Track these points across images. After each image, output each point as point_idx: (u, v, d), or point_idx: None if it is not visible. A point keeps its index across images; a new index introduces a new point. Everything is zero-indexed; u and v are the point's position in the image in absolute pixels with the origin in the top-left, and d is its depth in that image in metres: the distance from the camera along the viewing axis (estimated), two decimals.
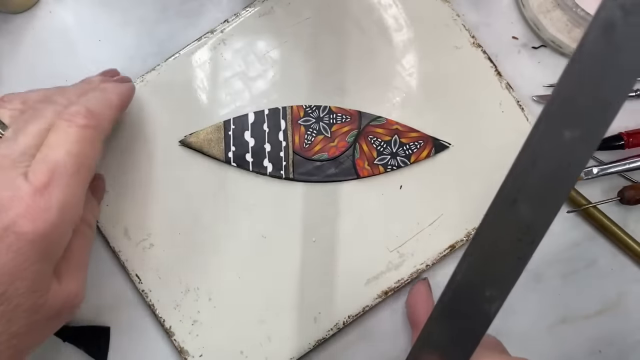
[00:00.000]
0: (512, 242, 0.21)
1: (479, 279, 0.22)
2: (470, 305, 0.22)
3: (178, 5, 0.40)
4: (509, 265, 0.21)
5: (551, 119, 0.20)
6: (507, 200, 0.21)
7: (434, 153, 0.37)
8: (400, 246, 0.36)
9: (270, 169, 0.36)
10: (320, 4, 0.38)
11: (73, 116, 0.27)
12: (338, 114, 0.37)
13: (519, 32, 0.40)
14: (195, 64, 0.37)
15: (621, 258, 0.38)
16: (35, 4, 0.39)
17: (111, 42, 0.39)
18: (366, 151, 0.36)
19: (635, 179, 0.38)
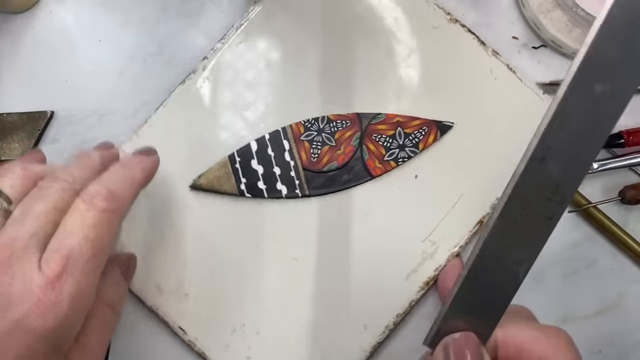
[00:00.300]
0: (541, 202, 0.21)
1: (508, 241, 0.21)
2: (499, 268, 0.22)
3: (178, 5, 0.40)
4: (539, 225, 0.21)
5: (582, 73, 0.19)
6: (535, 158, 0.20)
7: (440, 136, 0.36)
8: (430, 234, 0.36)
9: (285, 191, 0.36)
10: (295, 20, 0.37)
11: (93, 198, 0.25)
12: (338, 121, 0.36)
13: (519, 32, 0.40)
14: (185, 107, 0.36)
15: (621, 258, 0.38)
16: (35, 4, 0.39)
17: (111, 42, 0.39)
18: (374, 150, 0.36)
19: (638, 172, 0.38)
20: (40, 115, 0.38)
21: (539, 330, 0.25)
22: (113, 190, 0.26)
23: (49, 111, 0.38)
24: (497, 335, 0.24)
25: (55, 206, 0.25)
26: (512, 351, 0.24)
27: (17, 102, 0.38)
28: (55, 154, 0.38)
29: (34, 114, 0.38)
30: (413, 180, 0.36)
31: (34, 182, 0.27)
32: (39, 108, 0.38)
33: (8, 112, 0.38)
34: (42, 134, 0.38)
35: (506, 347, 0.24)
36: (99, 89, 0.39)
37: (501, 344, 0.24)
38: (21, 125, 0.38)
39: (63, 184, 0.26)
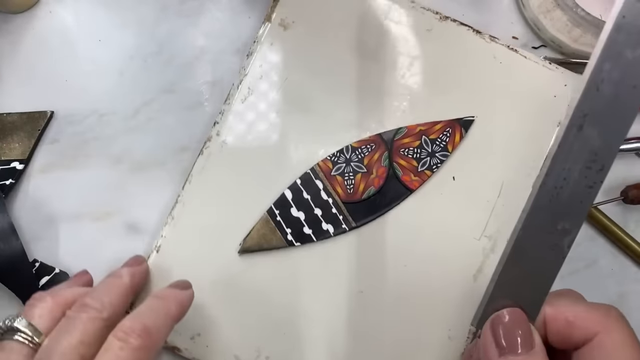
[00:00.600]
0: (581, 171, 0.21)
1: (550, 213, 0.21)
2: (543, 241, 0.22)
3: (178, 5, 0.40)
4: (580, 195, 0.21)
5: (612, 40, 0.20)
6: (572, 127, 0.20)
7: (465, 132, 0.36)
8: (484, 230, 0.36)
9: (332, 230, 0.35)
10: (293, 62, 0.37)
11: (127, 335, 0.25)
12: (362, 147, 0.36)
13: (519, 32, 0.40)
14: (209, 176, 0.36)
15: (621, 258, 0.38)
16: (35, 4, 0.39)
17: (111, 42, 0.39)
18: (406, 165, 0.36)
19: (633, 165, 0.38)
20: (40, 115, 0.38)
21: (590, 306, 0.24)
22: (148, 325, 0.25)
23: (49, 111, 0.38)
24: (546, 312, 0.24)
25: (82, 340, 0.25)
26: (562, 326, 0.23)
27: (17, 102, 0.38)
28: (55, 154, 0.38)
29: (34, 114, 0.38)
30: (452, 182, 0.36)
31: (63, 310, 0.27)
32: (39, 108, 0.38)
33: (8, 112, 0.38)
34: (42, 134, 0.38)
35: (555, 322, 0.23)
36: (99, 89, 0.39)
37: (550, 320, 0.24)
38: (21, 125, 0.38)
39: (91, 313, 0.26)
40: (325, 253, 0.35)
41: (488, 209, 0.36)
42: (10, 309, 0.36)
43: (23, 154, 0.37)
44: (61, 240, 0.37)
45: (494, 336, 0.23)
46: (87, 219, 0.37)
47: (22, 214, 0.37)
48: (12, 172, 0.37)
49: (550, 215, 0.21)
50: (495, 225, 0.36)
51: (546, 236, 0.22)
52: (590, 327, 0.23)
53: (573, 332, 0.23)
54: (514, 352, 0.22)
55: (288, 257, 0.35)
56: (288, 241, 0.35)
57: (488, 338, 0.23)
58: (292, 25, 0.37)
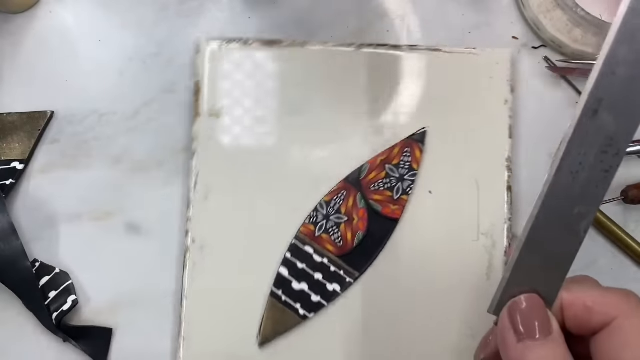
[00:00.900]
0: (597, 156, 0.21)
1: (566, 198, 0.21)
2: (559, 226, 0.22)
3: (178, 5, 0.40)
4: (596, 179, 0.21)
5: (627, 24, 0.19)
6: (588, 112, 0.20)
7: (423, 146, 0.37)
8: (479, 229, 0.36)
9: (339, 288, 0.35)
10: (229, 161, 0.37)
11: None
12: (334, 198, 0.36)
13: (519, 32, 0.40)
14: (203, 284, 0.35)
15: (621, 258, 0.38)
16: (35, 4, 0.39)
17: (111, 42, 0.39)
18: (382, 198, 0.36)
19: (634, 165, 0.38)
20: (40, 115, 0.38)
21: (608, 290, 0.23)
22: None
23: (49, 111, 0.38)
24: (563, 297, 0.23)
25: None
26: (580, 311, 0.23)
27: (17, 102, 0.38)
28: (55, 154, 0.38)
29: (34, 114, 0.38)
30: (430, 196, 0.36)
31: None
32: (39, 108, 0.38)
33: (8, 112, 0.38)
34: (42, 134, 0.38)
35: (573, 307, 0.23)
36: (99, 89, 0.39)
37: (567, 305, 0.23)
38: (21, 125, 0.38)
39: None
40: (340, 313, 0.35)
41: (473, 208, 0.36)
42: (10, 309, 0.36)
43: (23, 154, 0.37)
44: (61, 240, 0.37)
45: (511, 322, 0.22)
46: (87, 219, 0.37)
47: (22, 214, 0.37)
48: (12, 172, 0.37)
49: (567, 200, 0.21)
50: (487, 220, 0.36)
51: (562, 221, 0.22)
52: (608, 312, 0.22)
53: (591, 318, 0.23)
54: (532, 337, 0.22)
55: (307, 331, 0.35)
56: (301, 316, 0.35)
57: (506, 324, 0.23)
58: (223, 112, 0.37)
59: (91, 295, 0.36)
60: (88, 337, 0.36)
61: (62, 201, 0.37)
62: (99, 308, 0.36)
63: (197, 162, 0.36)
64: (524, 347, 0.22)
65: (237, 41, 0.37)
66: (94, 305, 0.36)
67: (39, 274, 0.36)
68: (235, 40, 0.37)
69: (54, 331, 0.35)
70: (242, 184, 0.36)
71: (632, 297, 0.23)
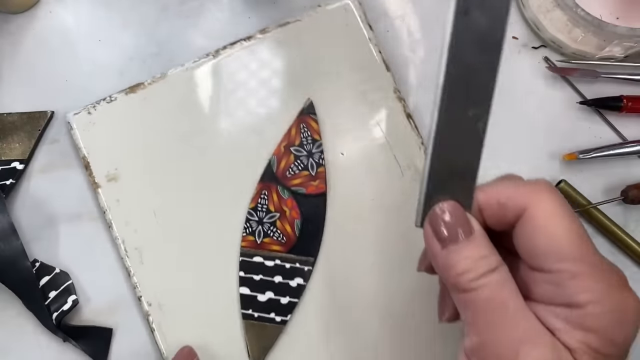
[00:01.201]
0: (476, 55, 0.22)
1: (459, 101, 0.22)
2: (459, 129, 0.22)
3: (178, 5, 0.40)
4: (483, 77, 0.22)
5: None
6: (459, 14, 0.22)
7: (315, 115, 0.37)
8: (399, 163, 0.37)
9: (302, 280, 0.35)
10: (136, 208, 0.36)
11: None
12: (258, 201, 0.36)
13: (519, 32, 0.40)
14: (171, 334, 0.35)
15: (621, 258, 0.38)
16: (35, 4, 0.39)
17: (111, 43, 0.39)
18: (301, 180, 0.36)
19: (634, 165, 0.39)
20: (41, 115, 0.38)
21: (520, 184, 0.24)
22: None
23: (49, 111, 0.38)
24: (479, 198, 0.24)
25: None
26: (495, 208, 0.23)
27: (17, 102, 0.38)
28: (55, 154, 0.38)
29: (34, 113, 0.38)
30: (344, 157, 0.37)
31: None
32: (39, 108, 0.38)
33: (8, 112, 0.38)
34: (42, 134, 0.38)
35: (489, 206, 0.24)
36: (99, 89, 0.38)
37: (483, 205, 0.24)
38: (21, 125, 0.38)
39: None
40: (314, 300, 0.35)
41: (386, 148, 0.37)
42: (10, 309, 0.36)
43: (23, 154, 0.37)
44: (61, 240, 0.37)
45: (434, 231, 0.23)
46: (87, 219, 0.37)
47: (22, 214, 0.37)
48: (12, 172, 0.37)
49: (461, 102, 0.22)
50: (402, 154, 0.37)
51: (461, 124, 0.22)
52: (519, 204, 0.23)
53: (506, 213, 0.23)
54: (455, 241, 0.22)
55: (292, 332, 0.35)
56: (280, 322, 0.35)
57: (429, 233, 0.23)
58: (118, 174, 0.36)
59: (91, 295, 0.36)
60: (88, 337, 0.36)
61: (62, 201, 0.37)
62: (99, 308, 0.36)
63: (117, 230, 0.36)
64: (447, 252, 0.22)
65: (103, 100, 0.37)
66: (94, 305, 0.36)
67: (39, 274, 0.36)
68: (100, 101, 0.37)
69: (54, 331, 0.35)
70: (169, 235, 0.36)
71: (542, 184, 0.23)
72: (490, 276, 0.22)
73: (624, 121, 0.39)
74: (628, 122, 0.39)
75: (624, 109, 0.38)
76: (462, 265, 0.22)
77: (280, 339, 0.35)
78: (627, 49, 0.38)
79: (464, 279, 0.22)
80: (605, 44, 0.37)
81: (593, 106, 0.39)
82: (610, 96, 0.38)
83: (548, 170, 0.38)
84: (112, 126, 0.36)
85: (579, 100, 0.39)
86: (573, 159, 0.38)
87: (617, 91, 0.39)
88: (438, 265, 0.23)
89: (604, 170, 0.39)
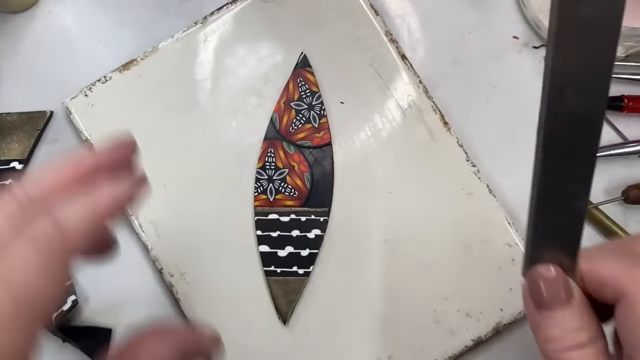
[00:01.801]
0: (573, 135, 0.21)
1: (559, 178, 0.22)
2: (560, 206, 0.22)
3: (177, 5, 0.39)
4: (580, 156, 0.21)
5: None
6: (554, 92, 0.21)
7: (310, 68, 0.37)
8: (399, 104, 0.37)
9: (319, 231, 0.36)
10: None
11: (36, 238, 0.19)
12: (266, 159, 0.36)
13: (520, 31, 0.40)
14: (197, 297, 0.35)
15: None
16: (35, 4, 0.39)
17: (110, 42, 0.39)
18: (305, 134, 0.36)
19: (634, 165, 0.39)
20: (40, 115, 0.38)
21: (627, 261, 0.22)
22: (67, 224, 0.20)
23: (48, 111, 0.38)
24: (582, 269, 0.22)
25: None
26: (596, 285, 0.22)
27: (16, 102, 0.38)
28: (54, 154, 0.38)
29: (33, 113, 0.38)
30: (344, 106, 0.37)
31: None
32: (39, 108, 0.38)
33: (8, 112, 0.38)
34: (42, 134, 0.38)
35: (590, 280, 0.22)
36: None
37: (586, 279, 0.22)
38: (21, 125, 0.37)
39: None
40: (334, 248, 0.36)
41: (384, 92, 0.37)
42: None
43: (22, 154, 0.37)
44: None
45: (530, 293, 0.22)
46: None
47: None
48: (11, 172, 0.37)
49: (560, 180, 0.22)
50: (402, 95, 0.37)
51: (561, 201, 0.22)
52: (619, 285, 0.21)
53: (606, 290, 0.22)
54: (551, 305, 0.21)
55: (317, 282, 0.35)
56: (303, 274, 0.35)
57: (526, 294, 0.22)
58: None
59: (91, 295, 0.36)
60: (88, 337, 0.36)
61: None
62: (99, 308, 0.36)
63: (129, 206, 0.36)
64: (541, 317, 0.21)
65: (98, 81, 0.37)
66: (94, 305, 0.36)
67: None
68: (95, 82, 0.37)
69: (54, 331, 0.35)
70: (182, 205, 0.36)
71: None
72: (578, 351, 0.20)
73: (624, 121, 0.39)
74: (629, 121, 0.39)
75: (625, 108, 0.38)
76: (550, 332, 0.21)
77: (304, 290, 0.35)
78: (627, 49, 0.38)
79: (549, 348, 0.21)
80: None
81: None
82: (611, 96, 0.38)
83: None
84: (110, 105, 0.37)
85: None
86: None
87: (618, 91, 0.38)
88: (529, 324, 0.22)
89: (604, 170, 0.39)
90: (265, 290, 0.35)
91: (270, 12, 0.38)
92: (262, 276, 0.35)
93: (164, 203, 0.36)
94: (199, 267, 0.35)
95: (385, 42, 0.37)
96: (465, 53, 0.39)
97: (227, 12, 0.38)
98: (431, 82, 0.39)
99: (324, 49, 0.37)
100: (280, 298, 0.35)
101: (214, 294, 0.35)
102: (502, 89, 0.39)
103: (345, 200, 0.36)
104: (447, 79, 0.39)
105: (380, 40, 0.37)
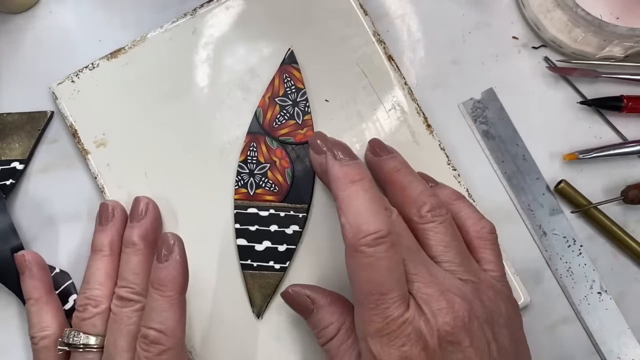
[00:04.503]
0: None
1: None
2: None
3: (178, 5, 0.40)
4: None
5: None
6: None
7: (297, 64, 0.37)
8: (383, 105, 0.37)
9: (298, 227, 0.35)
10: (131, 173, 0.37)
11: (148, 347, 0.28)
12: (247, 153, 0.36)
13: (519, 32, 0.40)
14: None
15: (622, 258, 0.38)
16: (35, 4, 0.39)
17: (111, 42, 0.39)
18: (289, 130, 0.36)
19: (634, 165, 0.39)
20: (40, 115, 0.38)
21: None
22: (164, 325, 0.28)
23: (49, 111, 0.38)
24: None
25: (133, 335, 0.29)
26: None
27: (17, 102, 0.38)
28: (55, 154, 0.38)
29: (34, 113, 0.38)
30: (328, 104, 0.37)
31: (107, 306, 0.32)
32: (39, 108, 0.38)
33: (8, 112, 0.38)
34: (42, 134, 0.38)
35: None
36: None
37: None
38: (21, 125, 0.38)
39: (133, 306, 0.31)
40: (311, 245, 0.36)
41: (369, 91, 0.37)
42: (10, 309, 0.36)
43: (23, 154, 0.37)
44: (61, 240, 0.37)
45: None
46: (87, 219, 0.37)
47: (22, 214, 0.37)
48: (12, 172, 0.37)
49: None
50: (387, 95, 0.37)
51: None
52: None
53: None
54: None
55: (292, 278, 0.35)
56: (279, 269, 0.35)
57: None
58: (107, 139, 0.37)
59: None
60: None
61: (62, 201, 0.37)
62: None
63: (110, 193, 0.36)
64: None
65: (85, 68, 0.37)
66: None
67: None
68: (83, 69, 0.37)
69: None
70: (162, 194, 0.36)
71: None
72: None
73: (624, 121, 0.39)
74: (628, 122, 0.39)
75: (625, 109, 0.38)
76: None
77: (280, 286, 0.35)
78: (627, 49, 0.38)
79: None
80: (606, 44, 0.37)
81: (593, 106, 0.39)
82: (610, 96, 0.38)
83: (548, 170, 0.38)
84: (96, 93, 0.37)
85: (579, 100, 0.39)
86: (573, 159, 0.38)
87: (617, 91, 0.39)
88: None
89: (604, 170, 0.39)
90: (240, 283, 0.35)
91: (260, 7, 0.38)
92: (239, 269, 0.35)
93: (144, 191, 0.36)
94: None
95: (372, 42, 0.37)
96: (464, 53, 0.40)
97: (217, 5, 0.38)
98: (431, 82, 0.39)
99: (312, 46, 0.38)
100: (255, 292, 0.35)
101: (190, 285, 0.34)
102: (501, 89, 0.39)
103: (325, 198, 0.36)
104: (447, 79, 0.39)
105: (368, 40, 0.37)
